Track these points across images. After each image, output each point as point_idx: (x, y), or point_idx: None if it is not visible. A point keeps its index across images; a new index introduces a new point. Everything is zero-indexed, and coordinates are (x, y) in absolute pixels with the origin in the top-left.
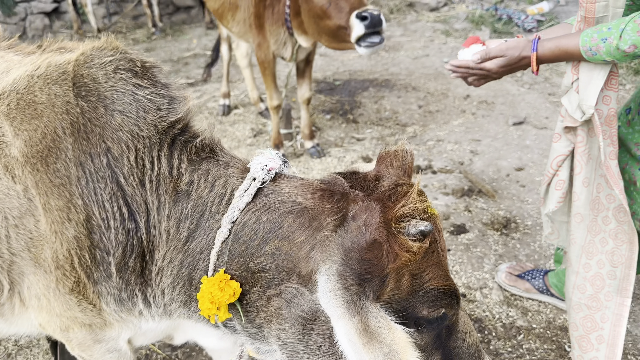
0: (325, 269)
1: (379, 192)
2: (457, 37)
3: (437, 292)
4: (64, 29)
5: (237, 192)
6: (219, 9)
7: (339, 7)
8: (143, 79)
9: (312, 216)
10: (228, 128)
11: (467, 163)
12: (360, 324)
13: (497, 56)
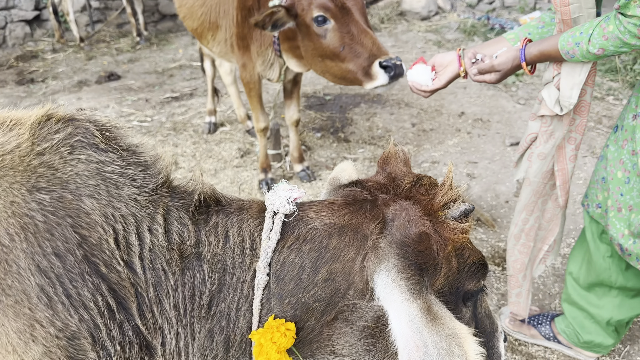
0: (383, 266)
1: (403, 190)
2: (449, 48)
3: (476, 265)
4: (45, 37)
5: (263, 234)
6: (197, 28)
7: (356, 52)
8: (108, 152)
9: (353, 230)
10: (214, 147)
11: (463, 188)
12: (424, 305)
13: (491, 71)
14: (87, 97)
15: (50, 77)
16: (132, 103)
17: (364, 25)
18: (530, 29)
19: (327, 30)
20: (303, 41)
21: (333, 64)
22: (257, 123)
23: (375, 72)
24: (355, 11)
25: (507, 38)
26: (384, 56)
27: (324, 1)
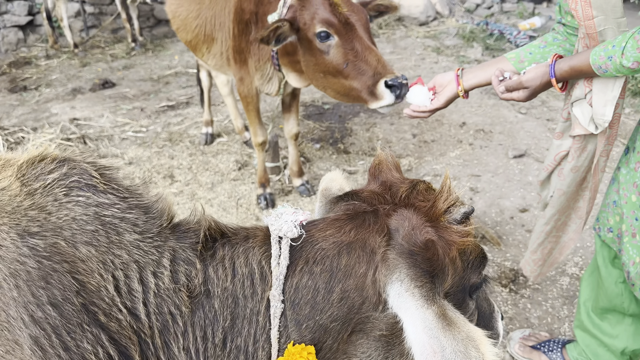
0: (395, 277)
1: (401, 198)
2: (448, 55)
3: (478, 259)
4: (39, 42)
5: (272, 261)
6: (192, 41)
7: (360, 70)
8: (107, 194)
9: (361, 245)
10: (211, 159)
11: (467, 203)
12: (439, 310)
13: (518, 88)
14: (81, 105)
15: (44, 84)
16: (127, 112)
17: (368, 41)
18: (532, 48)
19: (330, 47)
20: (304, 56)
21: (336, 81)
22: (255, 137)
23: (381, 91)
24: (359, 27)
25: (508, 57)
26: (389, 75)
27: (327, 16)
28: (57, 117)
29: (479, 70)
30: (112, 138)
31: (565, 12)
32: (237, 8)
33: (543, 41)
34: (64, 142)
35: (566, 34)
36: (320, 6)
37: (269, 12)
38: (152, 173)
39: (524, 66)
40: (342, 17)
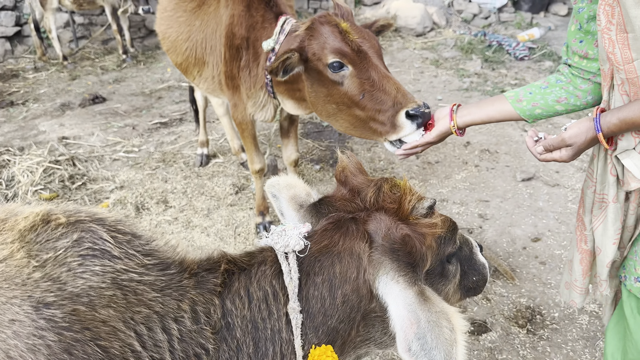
0: (382, 272)
1: (371, 202)
2: (447, 68)
3: (449, 233)
4: (27, 54)
5: (285, 277)
6: (182, 63)
7: (379, 100)
8: (123, 259)
9: (349, 253)
10: (206, 182)
11: (477, 231)
12: (417, 290)
13: (560, 147)
14: (70, 122)
15: (32, 99)
16: (118, 130)
17: (383, 68)
18: (532, 88)
19: (344, 77)
20: (313, 87)
21: (350, 112)
22: (252, 165)
23: (402, 122)
24: (372, 54)
25: (507, 96)
26: (411, 104)
27: (338, 45)
28: (45, 135)
29: (475, 108)
30: (103, 159)
31: (573, 52)
32: (228, 32)
33: (545, 82)
34: (52, 166)
35: (570, 75)
36: (330, 35)
37: (261, 37)
38: (145, 198)
39: (522, 106)
40: (354, 45)
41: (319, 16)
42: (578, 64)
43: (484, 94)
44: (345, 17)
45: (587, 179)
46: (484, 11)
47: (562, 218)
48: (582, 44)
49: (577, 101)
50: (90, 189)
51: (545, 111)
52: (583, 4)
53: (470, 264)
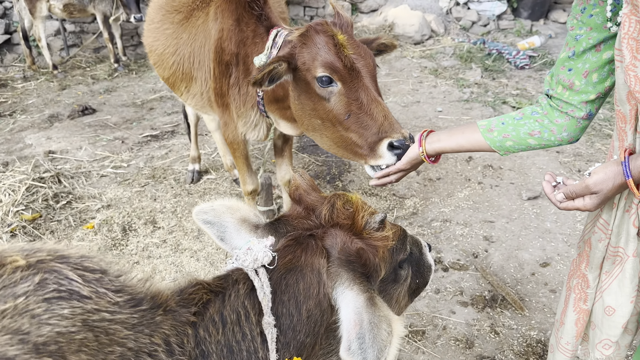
0: (340, 283)
1: (326, 219)
2: (447, 77)
3: (400, 241)
4: (16, 62)
5: (259, 293)
6: (169, 78)
7: (364, 124)
8: (94, 298)
9: (310, 269)
10: (197, 201)
11: (482, 255)
12: (368, 296)
13: (584, 194)
14: (57, 135)
15: (20, 109)
16: (107, 143)
17: (375, 92)
18: (506, 119)
19: (331, 93)
20: (300, 98)
21: (334, 130)
22: (244, 186)
23: (382, 152)
24: (365, 74)
25: (479, 124)
26: (396, 135)
27: (330, 59)
28: (31, 149)
29: (445, 135)
30: (90, 175)
31: (558, 81)
32: (217, 47)
33: (520, 113)
34: (35, 183)
35: (548, 107)
36: (324, 46)
37: (252, 53)
38: (133, 218)
39: (492, 136)
40: (347, 61)
41: (316, 23)
42: (560, 95)
43: (485, 106)
44: (344, 28)
45: (596, 230)
46: (482, 18)
47: (571, 241)
48: (571, 73)
49: (550, 136)
50: (76, 208)
51: (516, 144)
52: (581, 31)
53: (419, 266)
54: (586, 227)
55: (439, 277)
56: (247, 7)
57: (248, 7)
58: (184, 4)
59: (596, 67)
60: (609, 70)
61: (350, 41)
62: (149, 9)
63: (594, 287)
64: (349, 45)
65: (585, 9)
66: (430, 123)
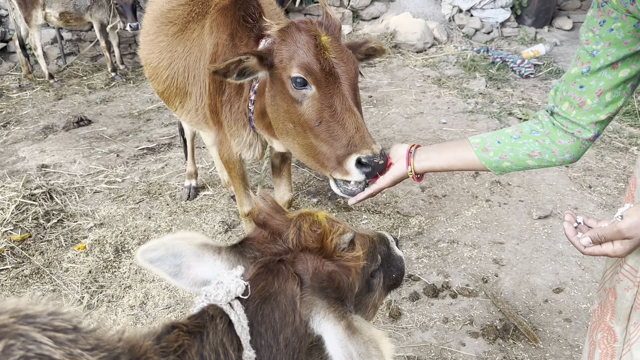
0: (314, 312)
1: (294, 243)
2: (450, 87)
3: (370, 254)
4: (12, 71)
5: (236, 327)
6: (163, 92)
7: (333, 134)
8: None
9: (284, 295)
10: (194, 219)
11: (492, 280)
12: (345, 324)
13: (614, 239)
14: (51, 148)
15: (14, 120)
16: (101, 156)
17: (351, 101)
18: (502, 137)
19: (304, 96)
20: (275, 98)
21: (304, 136)
22: (241, 207)
23: (349, 167)
24: (344, 80)
25: (472, 142)
26: (365, 151)
27: (307, 60)
28: (23, 162)
29: (435, 153)
30: (83, 191)
31: (563, 98)
32: (212, 62)
33: (518, 131)
34: (25, 201)
35: (550, 126)
36: (304, 45)
37: None
38: (126, 237)
39: (488, 156)
40: (326, 65)
41: (300, 21)
42: (566, 114)
43: (491, 117)
44: (330, 29)
45: (621, 278)
46: (486, 26)
47: (584, 264)
48: (582, 90)
49: (552, 157)
50: (67, 227)
51: (514, 164)
52: (598, 47)
53: (389, 261)
54: (606, 274)
55: (447, 305)
56: (241, 20)
57: (242, 21)
58: (179, 16)
59: (611, 86)
60: (623, 89)
61: (334, 44)
62: (144, 21)
63: (622, 340)
64: (332, 48)
65: (604, 22)
66: (435, 135)
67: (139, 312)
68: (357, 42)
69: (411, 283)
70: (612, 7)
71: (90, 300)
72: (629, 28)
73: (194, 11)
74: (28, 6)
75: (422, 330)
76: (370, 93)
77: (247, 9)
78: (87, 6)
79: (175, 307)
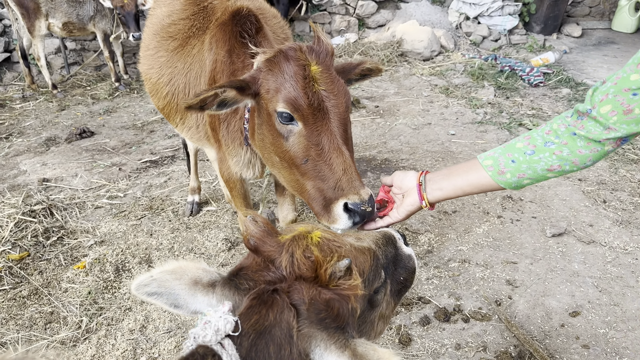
0: (314, 345)
1: (287, 271)
2: (458, 97)
3: (372, 273)
4: (16, 81)
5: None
6: (164, 108)
7: (320, 174)
8: None
9: (280, 328)
10: (196, 236)
11: (505, 303)
12: (350, 353)
13: None
14: (53, 161)
15: (16, 132)
16: (103, 170)
17: (340, 139)
18: (515, 153)
19: (291, 132)
20: (261, 127)
21: (290, 172)
22: (243, 226)
23: (336, 214)
24: (333, 116)
25: (484, 165)
26: (352, 197)
27: (294, 95)
28: (25, 176)
29: (446, 182)
30: (84, 206)
31: (605, 101)
32: (211, 79)
33: (530, 144)
34: (25, 218)
35: (568, 137)
36: (292, 77)
37: None
38: (127, 256)
39: (506, 179)
40: (314, 99)
41: (290, 48)
42: (604, 118)
43: (501, 128)
44: (321, 56)
45: None
46: (493, 33)
47: (601, 285)
48: (634, 98)
49: (572, 167)
50: (67, 245)
51: (534, 180)
52: None
53: (397, 262)
54: None
55: (459, 330)
56: (238, 36)
57: (239, 37)
58: (179, 31)
59: None
60: None
61: (325, 74)
62: (144, 35)
63: None
64: (322, 79)
65: None
66: (443, 147)
67: (139, 336)
68: (352, 64)
69: (421, 306)
70: None
71: (89, 323)
72: None
73: (194, 26)
74: (31, 17)
75: (434, 358)
76: (377, 103)
77: (244, 24)
78: (90, 16)
79: (176, 332)
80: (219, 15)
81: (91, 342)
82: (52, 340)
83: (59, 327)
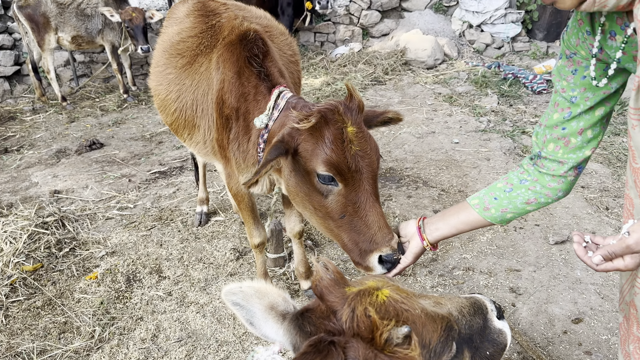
0: None
1: (347, 326)
2: (462, 105)
3: (440, 344)
4: (26, 93)
5: None
6: (172, 124)
7: (356, 228)
8: None
9: None
10: (205, 246)
11: (509, 310)
12: None
13: (624, 254)
14: (63, 173)
15: (27, 144)
16: (113, 181)
17: (373, 195)
18: (496, 192)
19: (330, 191)
20: (295, 176)
21: (325, 221)
22: (251, 239)
23: (372, 266)
24: (367, 173)
25: (471, 204)
26: (386, 249)
27: (337, 159)
28: (36, 188)
29: (442, 223)
30: (95, 218)
31: (546, 141)
32: (218, 98)
33: (508, 184)
34: (38, 230)
35: (536, 174)
36: (332, 142)
37: (254, 111)
38: (138, 266)
39: (491, 214)
40: (353, 163)
41: (328, 109)
42: (553, 154)
43: (504, 136)
44: (354, 115)
45: (637, 291)
46: (496, 41)
47: (604, 292)
48: (565, 132)
49: (547, 199)
50: (79, 256)
51: (516, 214)
52: (575, 93)
53: (483, 336)
54: (623, 288)
55: None
56: (247, 61)
57: (248, 62)
58: (188, 48)
59: (590, 125)
60: (600, 125)
61: (359, 134)
62: (155, 51)
63: None
64: (357, 139)
65: (576, 71)
66: (447, 156)
67: (151, 345)
68: (375, 112)
69: None
70: (581, 57)
71: (102, 333)
72: (599, 72)
73: (202, 44)
74: (41, 31)
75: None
76: None
77: (252, 49)
78: (99, 30)
79: (187, 341)
80: (225, 35)
81: (104, 351)
82: (66, 350)
83: (72, 337)
